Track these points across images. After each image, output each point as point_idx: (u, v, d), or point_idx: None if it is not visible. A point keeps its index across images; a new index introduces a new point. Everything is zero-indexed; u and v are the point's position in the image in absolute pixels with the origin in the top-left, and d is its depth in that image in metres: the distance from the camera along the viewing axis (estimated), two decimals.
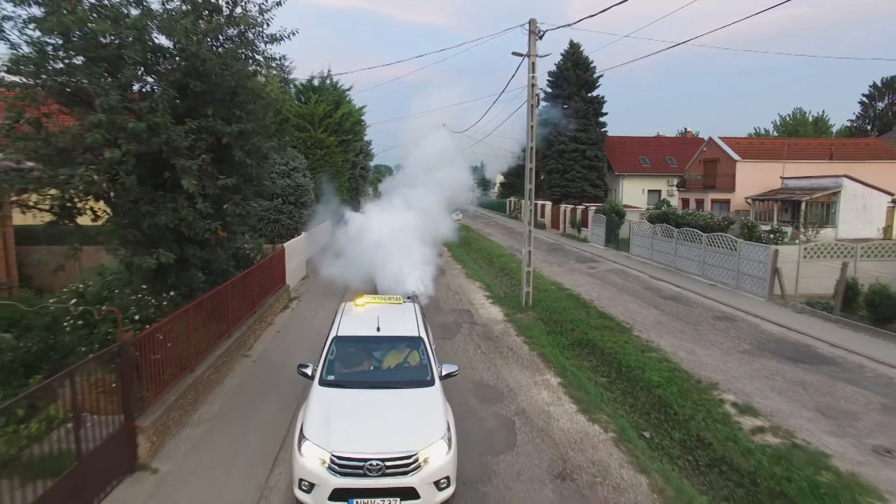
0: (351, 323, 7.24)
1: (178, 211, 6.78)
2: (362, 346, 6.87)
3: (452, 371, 6.69)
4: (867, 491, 6.21)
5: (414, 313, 7.69)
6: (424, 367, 6.55)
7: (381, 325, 6.98)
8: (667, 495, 6.14)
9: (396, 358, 6.78)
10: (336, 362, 6.60)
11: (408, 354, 6.80)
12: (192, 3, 7.69)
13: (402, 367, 6.69)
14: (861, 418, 8.16)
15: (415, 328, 7.15)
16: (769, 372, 10.16)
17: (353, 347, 6.84)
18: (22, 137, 6.11)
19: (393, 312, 7.71)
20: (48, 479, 4.95)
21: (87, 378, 5.75)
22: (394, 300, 8.38)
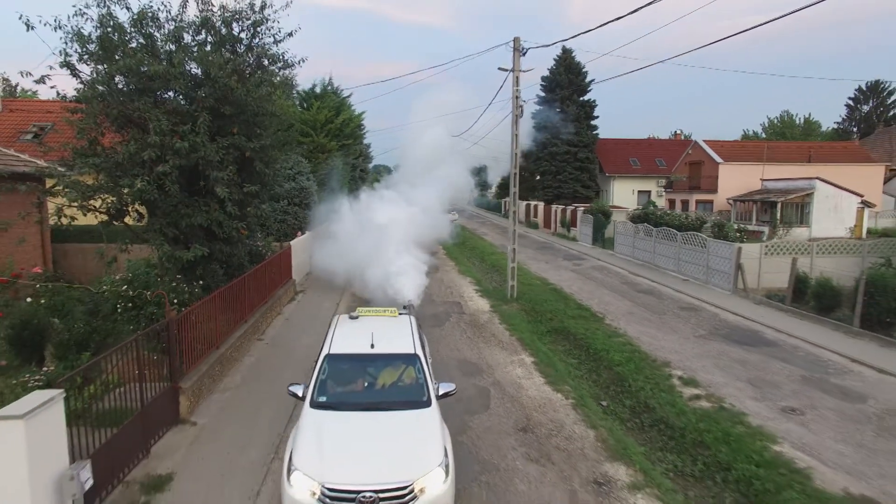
0: (344, 339, 6.93)
1: (211, 213, 8.27)
2: (355, 364, 6.59)
3: (450, 390, 6.38)
4: (766, 437, 7.69)
5: (410, 328, 7.37)
6: (420, 387, 6.26)
7: (376, 341, 6.70)
8: (608, 444, 7.61)
9: (391, 376, 6.49)
10: (328, 382, 6.33)
11: (403, 372, 6.51)
12: (218, 36, 9.18)
13: (397, 387, 6.41)
14: (781, 387, 9.64)
15: (410, 344, 6.83)
16: (717, 353, 11.65)
17: (345, 366, 6.57)
18: (89, 154, 7.58)
19: (388, 327, 7.40)
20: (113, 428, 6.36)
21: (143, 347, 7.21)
22: (389, 313, 8.01)
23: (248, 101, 8.50)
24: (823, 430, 8.01)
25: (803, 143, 38.25)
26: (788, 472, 6.84)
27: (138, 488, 6.10)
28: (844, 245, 17.64)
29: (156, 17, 8.47)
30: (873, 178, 32.99)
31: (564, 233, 33.75)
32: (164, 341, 7.62)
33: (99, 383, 8.15)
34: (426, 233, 18.68)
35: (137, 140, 7.66)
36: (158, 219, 8.36)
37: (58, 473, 4.59)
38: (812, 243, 17.45)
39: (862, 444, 7.56)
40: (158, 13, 8.47)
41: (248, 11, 9.58)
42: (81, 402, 7.37)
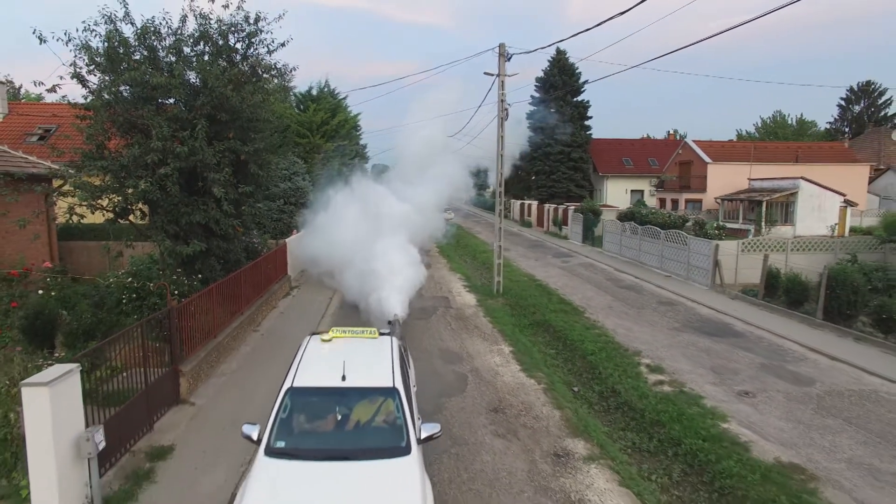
0: (311, 368, 5.87)
1: (209, 211, 9.00)
2: (323, 400, 5.55)
3: (434, 433, 5.36)
4: (718, 417, 8.41)
5: (390, 353, 6.26)
6: (399, 430, 5.25)
7: (348, 371, 5.60)
8: (571, 423, 8.33)
9: (365, 414, 5.47)
10: (289, 423, 5.32)
11: (379, 410, 5.49)
12: (216, 48, 9.90)
13: (372, 429, 5.40)
14: (740, 373, 10.36)
15: (389, 375, 5.75)
16: (686, 343, 12.37)
17: (310, 402, 5.54)
18: (97, 158, 8.32)
19: (364, 352, 6.36)
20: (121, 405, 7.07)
21: (147, 335, 7.93)
22: (367, 334, 6.81)
23: (243, 108, 9.24)
24: (770, 410, 8.73)
25: (791, 144, 38.97)
26: (730, 445, 7.56)
27: (143, 456, 6.83)
28: (819, 242, 18.37)
29: (157, 30, 9.21)
30: (858, 177, 33.69)
31: (556, 231, 34.47)
32: (165, 329, 8.34)
33: (105, 368, 8.92)
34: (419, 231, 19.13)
35: (141, 144, 8.40)
36: (160, 217, 9.11)
37: (76, 434, 5.32)
38: (787, 241, 18.16)
39: (801, 420, 8.28)
40: (160, 27, 9.22)
41: (243, 24, 10.32)
42: (90, 384, 8.15)
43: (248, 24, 10.41)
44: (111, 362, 8.87)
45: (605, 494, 6.40)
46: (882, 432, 7.86)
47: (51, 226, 14.70)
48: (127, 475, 6.38)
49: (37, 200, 13.98)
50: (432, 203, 20.75)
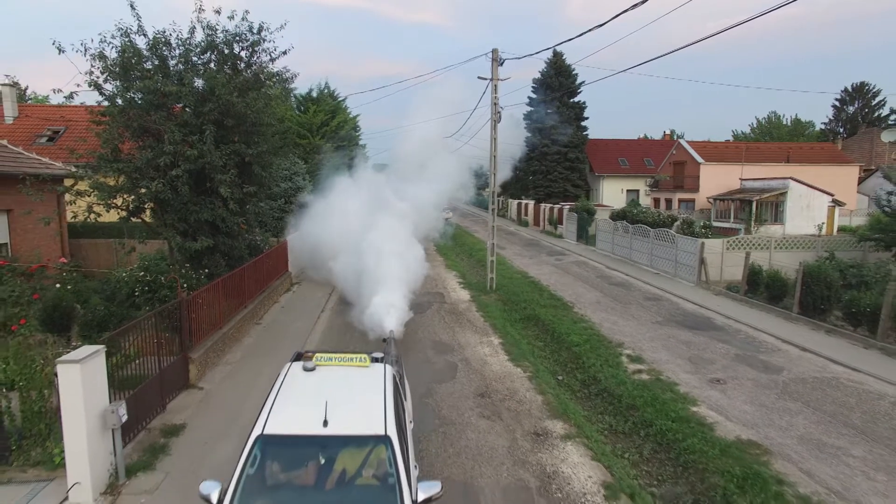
0: (287, 408, 4.82)
1: (215, 210, 9.65)
2: (299, 450, 4.54)
3: (434, 494, 4.43)
4: (689, 401, 9.07)
5: (382, 389, 5.21)
6: (392, 490, 4.29)
7: (332, 413, 4.58)
8: (552, 406, 8.99)
9: (351, 468, 4.45)
10: (257, 479, 4.32)
11: (367, 464, 4.49)
12: (221, 56, 10.56)
13: (357, 489, 4.42)
14: (715, 363, 11.02)
15: (380, 418, 4.70)
16: (667, 335, 13.02)
17: (285, 454, 4.54)
18: (112, 160, 8.98)
19: (352, 387, 5.30)
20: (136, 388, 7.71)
21: (159, 325, 8.58)
22: (357, 362, 5.65)
23: (248, 114, 9.90)
24: (737, 395, 9.39)
25: (783, 144, 39.61)
26: (697, 426, 8.21)
27: (158, 433, 7.49)
28: (800, 241, 19.03)
29: (168, 41, 9.86)
30: (848, 178, 34.33)
31: (552, 230, 35.11)
32: (176, 319, 8.99)
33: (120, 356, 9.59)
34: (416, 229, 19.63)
35: (154, 148, 9.07)
36: (171, 215, 9.77)
37: (102, 408, 5.98)
38: (770, 239, 18.81)
39: (764, 404, 8.94)
40: (170, 38, 9.87)
41: (247, 34, 10.97)
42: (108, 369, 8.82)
43: (252, 34, 11.08)
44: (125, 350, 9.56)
45: (578, 467, 7.06)
46: (835, 413, 8.52)
47: (63, 224, 15.40)
48: (144, 448, 7.05)
49: (49, 199, 14.68)
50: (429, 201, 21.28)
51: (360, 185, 18.93)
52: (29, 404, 6.28)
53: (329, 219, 16.75)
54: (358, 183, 19.14)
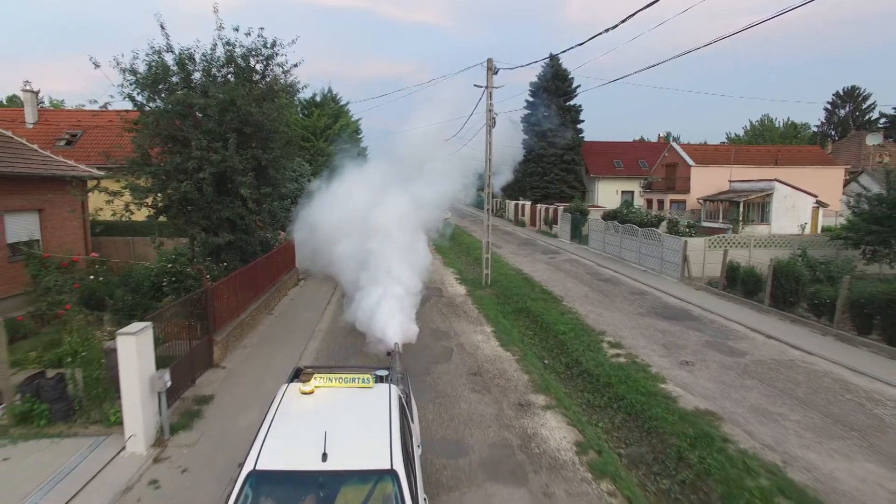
0: (283, 438, 4.38)
1: (235, 209, 10.78)
2: (297, 489, 4.11)
3: None
4: (659, 379, 10.18)
5: (388, 414, 4.77)
6: None
7: (331, 445, 4.16)
8: (536, 383, 10.12)
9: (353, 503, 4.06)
10: None
11: (371, 498, 4.08)
12: (238, 69, 11.71)
13: None
14: (686, 348, 12.15)
15: (385, 449, 4.28)
16: (646, 325, 14.14)
17: (280, 493, 4.11)
18: (144, 164, 10.12)
19: (354, 412, 4.87)
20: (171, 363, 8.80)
21: (187, 311, 9.71)
22: (359, 383, 5.20)
23: (264, 122, 11.03)
24: (702, 375, 10.51)
25: (771, 147, 40.77)
26: (662, 399, 9.32)
27: (191, 401, 8.62)
28: (778, 239, 20.16)
29: (192, 56, 10.99)
30: (834, 180, 35.45)
31: (547, 230, 36.25)
32: (201, 306, 10.11)
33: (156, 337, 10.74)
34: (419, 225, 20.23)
35: (181, 153, 10.21)
36: (195, 213, 10.91)
37: (150, 374, 7.10)
38: (750, 238, 19.95)
39: (724, 382, 10.07)
40: (194, 53, 11.02)
41: (262, 49, 12.12)
42: None
43: (266, 48, 12.23)
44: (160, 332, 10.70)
45: (555, 430, 8.19)
46: (784, 388, 9.65)
47: (86, 222, 16.55)
48: (181, 413, 8.17)
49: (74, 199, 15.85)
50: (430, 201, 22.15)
51: (365, 173, 19.40)
52: (88, 372, 7.40)
53: (333, 212, 16.85)
54: (363, 172, 19.61)
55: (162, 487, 6.38)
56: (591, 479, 6.85)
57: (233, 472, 6.40)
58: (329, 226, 16.98)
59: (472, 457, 7.29)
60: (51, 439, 7.06)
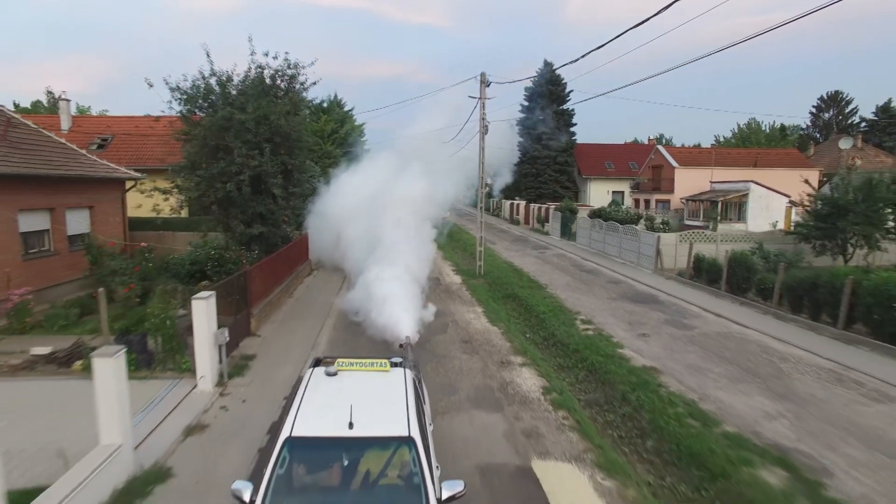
0: (313, 411, 5.05)
1: (267, 205, 12.97)
2: (326, 452, 4.81)
3: (458, 492, 4.58)
4: (617, 346, 12.36)
5: (404, 392, 5.48)
6: (416, 490, 4.48)
7: (356, 416, 4.80)
8: (516, 348, 12.30)
9: (376, 468, 4.74)
10: (286, 480, 4.58)
11: (391, 464, 4.76)
12: (263, 87, 13.91)
13: (383, 489, 4.67)
14: (647, 325, 14.34)
15: (404, 420, 4.94)
16: (617, 307, 16.34)
17: (312, 455, 4.81)
18: (194, 169, 12.31)
19: (374, 391, 5.56)
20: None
21: (231, 287, 11.86)
22: (377, 367, 5.96)
23: (290, 133, 13.22)
24: (655, 343, 12.70)
25: (752, 150, 43.03)
26: (618, 360, 11.49)
27: (239, 359, 10.81)
28: (743, 235, 22.37)
29: (230, 78, 13.18)
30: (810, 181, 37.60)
31: (540, 228, 38.46)
32: (240, 285, 12.27)
33: None
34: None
35: (225, 160, 12.40)
36: (235, 209, 13.11)
37: (213, 331, 9.28)
38: (717, 234, 22.17)
39: (671, 348, 12.26)
40: (233, 76, 13.22)
41: (286, 70, 14.31)
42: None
43: (290, 69, 14.42)
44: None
45: (528, 380, 10.37)
46: (717, 352, 11.86)
47: (125, 217, 18.74)
48: (233, 366, 10.35)
49: (115, 198, 18.05)
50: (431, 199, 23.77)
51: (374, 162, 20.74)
52: (164, 330, 9.58)
53: (344, 202, 18.28)
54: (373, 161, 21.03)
55: (229, 411, 8.57)
56: (552, 410, 9.04)
57: (279, 404, 8.65)
58: (339, 218, 18.73)
59: (461, 395, 9.49)
60: (139, 380, 9.21)
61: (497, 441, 7.90)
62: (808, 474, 6.93)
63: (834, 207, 18.32)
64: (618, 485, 6.85)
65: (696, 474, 7.36)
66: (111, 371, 5.98)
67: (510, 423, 8.46)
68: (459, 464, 7.13)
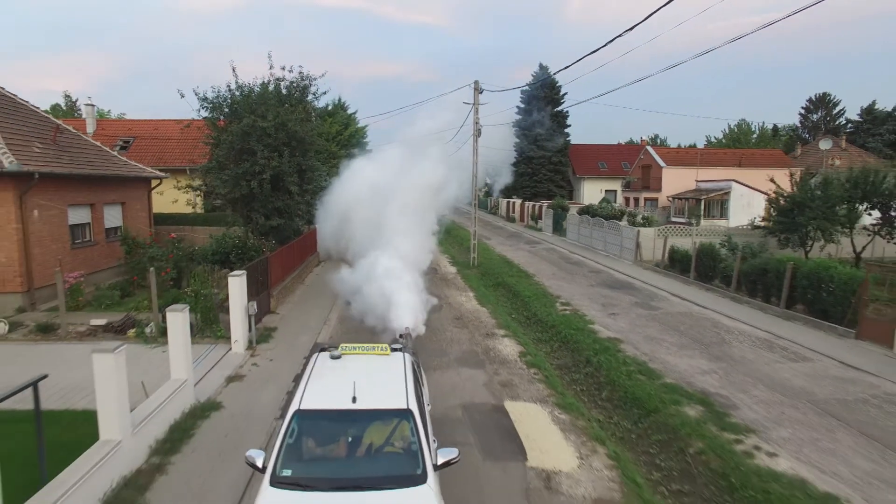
0: (319, 389, 5.56)
1: (284, 201, 14.89)
2: (332, 424, 5.29)
3: (452, 458, 5.07)
4: (589, 322, 14.19)
5: (403, 371, 5.99)
6: (414, 456, 4.94)
7: (359, 392, 5.31)
8: (500, 324, 14.20)
9: (378, 438, 5.18)
10: (296, 449, 5.05)
11: (392, 434, 5.20)
12: (279, 97, 15.82)
13: (385, 455, 5.09)
14: (618, 306, 16.20)
15: (402, 396, 5.45)
16: (595, 293, 18.22)
17: (319, 426, 5.27)
18: (221, 170, 14.24)
19: (376, 371, 6.06)
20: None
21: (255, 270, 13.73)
22: (378, 351, 6.46)
23: (304, 138, 15.14)
24: (622, 320, 14.57)
25: (737, 151, 44.93)
26: (588, 333, 13.34)
27: (263, 330, 12.71)
28: (716, 230, 24.23)
29: (252, 90, 15.10)
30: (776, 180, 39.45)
31: (533, 225, 40.33)
32: (262, 268, 14.15)
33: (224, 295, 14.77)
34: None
35: (249, 160, 14.32)
36: (257, 204, 15.02)
37: (245, 303, 11.18)
38: (692, 228, 24.04)
39: (635, 324, 14.13)
40: (254, 88, 15.13)
41: (299, 81, 16.23)
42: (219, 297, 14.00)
43: (303, 80, 16.34)
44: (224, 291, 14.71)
45: (508, 347, 12.26)
46: (674, 326, 13.74)
47: (150, 212, 20.66)
48: (259, 335, 12.24)
49: (143, 195, 19.95)
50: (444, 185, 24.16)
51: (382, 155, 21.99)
52: (202, 302, 11.48)
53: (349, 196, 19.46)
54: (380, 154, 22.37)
55: (259, 367, 10.48)
56: (525, 367, 10.95)
57: (300, 363, 10.53)
58: (345, 209, 20.24)
59: (451, 356, 11.40)
60: None
61: (478, 388, 9.81)
62: (719, 409, 8.80)
63: (794, 204, 20.17)
64: (571, 417, 8.76)
65: (635, 412, 9.27)
66: (180, 321, 7.89)
67: (490, 377, 10.37)
68: (447, 402, 9.06)
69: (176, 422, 7.62)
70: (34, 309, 13.47)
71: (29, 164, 13.24)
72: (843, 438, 7.77)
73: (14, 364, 10.09)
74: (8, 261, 13.16)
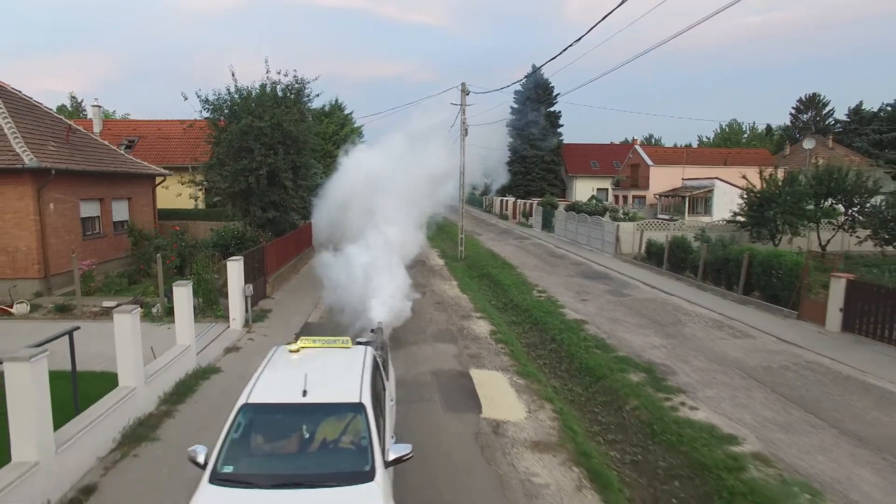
0: (271, 381, 5.35)
1: (280, 195, 16.11)
2: (281, 418, 5.06)
3: (404, 454, 4.83)
4: (560, 307, 15.38)
5: (361, 364, 5.75)
6: (363, 451, 4.72)
7: (310, 385, 5.07)
8: (478, 308, 15.39)
9: (329, 433, 4.95)
10: (241, 444, 4.76)
11: (343, 430, 4.96)
12: (275, 99, 17.03)
13: (333, 451, 4.87)
14: (591, 294, 17.39)
15: (356, 389, 5.18)
16: (572, 282, 19.40)
17: (267, 420, 5.02)
18: (220, 166, 15.46)
19: (332, 364, 5.92)
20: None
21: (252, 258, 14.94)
22: (339, 344, 6.29)
23: (299, 137, 16.35)
24: (591, 305, 15.76)
25: (723, 150, 46.10)
26: (557, 315, 14.51)
27: (259, 311, 13.93)
28: (693, 224, 25.40)
29: (250, 92, 16.32)
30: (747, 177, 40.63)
31: (524, 221, 41.52)
32: (259, 256, 15.36)
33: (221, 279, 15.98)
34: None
35: (247, 158, 15.54)
36: (254, 198, 16.24)
37: (242, 285, 12.39)
38: (670, 224, 25.22)
39: (603, 308, 15.31)
40: (252, 90, 16.35)
41: (294, 84, 17.44)
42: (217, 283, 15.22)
43: (297, 84, 17.55)
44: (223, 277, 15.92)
45: (481, 327, 13.46)
46: (638, 310, 14.92)
47: (154, 207, 21.89)
48: (255, 316, 13.46)
49: (147, 191, 21.16)
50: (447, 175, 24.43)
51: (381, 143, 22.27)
52: (204, 286, 12.69)
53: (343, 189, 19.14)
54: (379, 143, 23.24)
55: (255, 340, 11.69)
56: (494, 343, 12.16)
57: (290, 338, 11.73)
58: (343, 201, 20.98)
59: (428, 334, 12.62)
60: None
61: (448, 359, 11.02)
62: (659, 375, 9.99)
63: (763, 199, 21.34)
64: (528, 382, 9.96)
65: (587, 379, 10.47)
66: (185, 294, 9.11)
67: (460, 350, 11.59)
68: (419, 369, 10.28)
69: (181, 380, 8.83)
70: (50, 294, 14.70)
71: (46, 161, 14.47)
72: (756, 395, 8.97)
73: (40, 336, 11.26)
74: (27, 249, 14.39)
